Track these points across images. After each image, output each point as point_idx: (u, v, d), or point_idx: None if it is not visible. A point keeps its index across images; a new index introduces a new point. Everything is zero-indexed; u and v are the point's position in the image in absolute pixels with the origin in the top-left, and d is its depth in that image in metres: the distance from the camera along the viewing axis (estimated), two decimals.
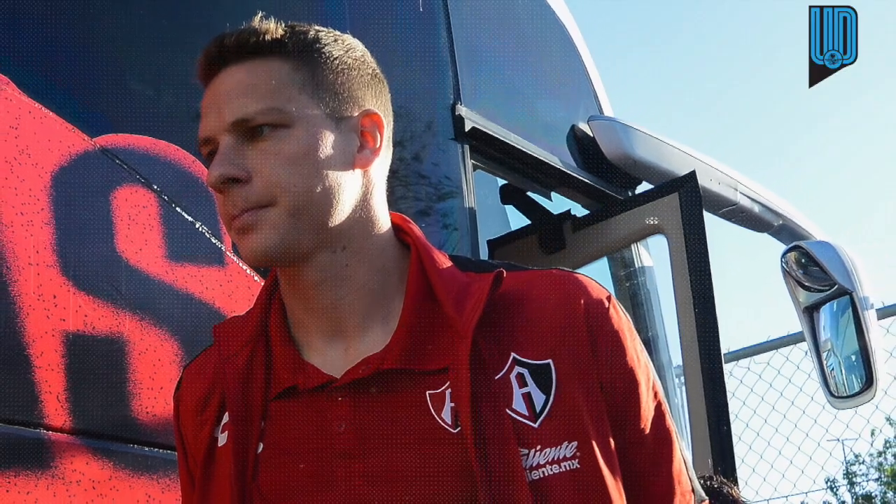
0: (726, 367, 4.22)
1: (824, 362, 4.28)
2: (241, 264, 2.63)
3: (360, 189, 1.61)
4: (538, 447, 1.50)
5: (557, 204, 4.36)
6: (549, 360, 1.56)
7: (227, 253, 2.65)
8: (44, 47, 2.53)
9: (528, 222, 4.49)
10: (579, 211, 4.35)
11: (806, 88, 4.43)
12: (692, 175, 3.95)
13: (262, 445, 1.61)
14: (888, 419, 19.18)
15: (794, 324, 5.44)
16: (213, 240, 2.63)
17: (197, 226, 2.62)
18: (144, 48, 2.73)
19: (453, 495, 1.49)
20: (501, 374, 1.55)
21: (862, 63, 4.38)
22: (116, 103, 2.65)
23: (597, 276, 1.80)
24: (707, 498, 1.75)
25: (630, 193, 4.35)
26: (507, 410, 1.52)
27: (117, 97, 2.66)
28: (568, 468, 1.50)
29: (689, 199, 3.92)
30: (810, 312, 4.31)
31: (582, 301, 1.60)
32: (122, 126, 2.57)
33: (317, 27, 1.66)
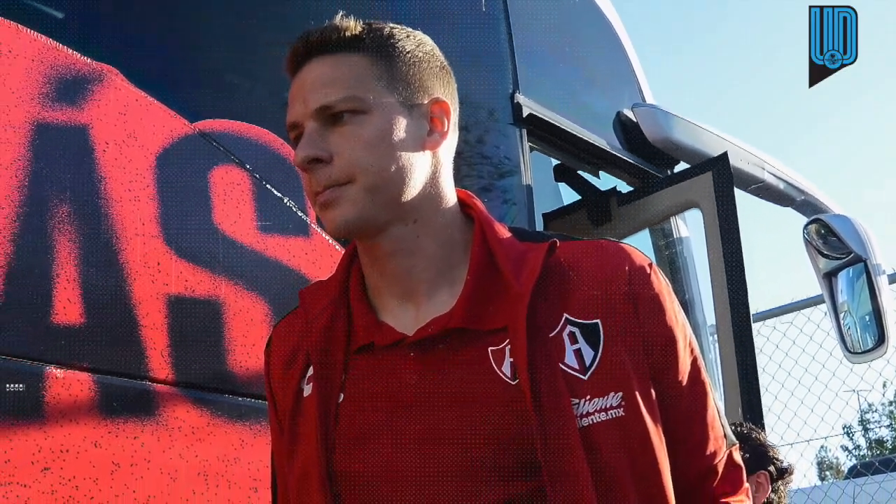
0: (754, 326, 4.22)
1: (841, 322, 4.31)
2: (324, 235, 2.66)
3: (430, 169, 1.62)
4: (587, 397, 1.51)
5: (604, 181, 4.37)
6: (598, 320, 1.57)
7: (312, 225, 2.66)
8: (148, 42, 2.56)
9: (579, 198, 4.48)
10: (624, 188, 4.35)
11: (806, 88, 4.39)
12: (724, 156, 3.99)
13: (342, 396, 1.62)
14: None
15: (815, 288, 5.48)
16: (300, 213, 2.65)
17: (285, 201, 2.64)
18: (239, 43, 2.74)
19: (511, 439, 1.50)
20: (555, 332, 1.56)
21: (862, 63, 4.24)
22: (214, 92, 2.68)
23: (639, 245, 1.80)
24: (737, 442, 1.74)
25: (669, 172, 4.35)
26: (560, 365, 1.53)
27: (214, 87, 2.70)
28: (614, 416, 1.51)
29: (722, 177, 3.94)
30: (829, 278, 4.34)
31: (626, 267, 1.61)
32: (219, 112, 2.60)
33: (391, 24, 1.66)
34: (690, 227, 4.52)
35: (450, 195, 1.67)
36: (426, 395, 1.56)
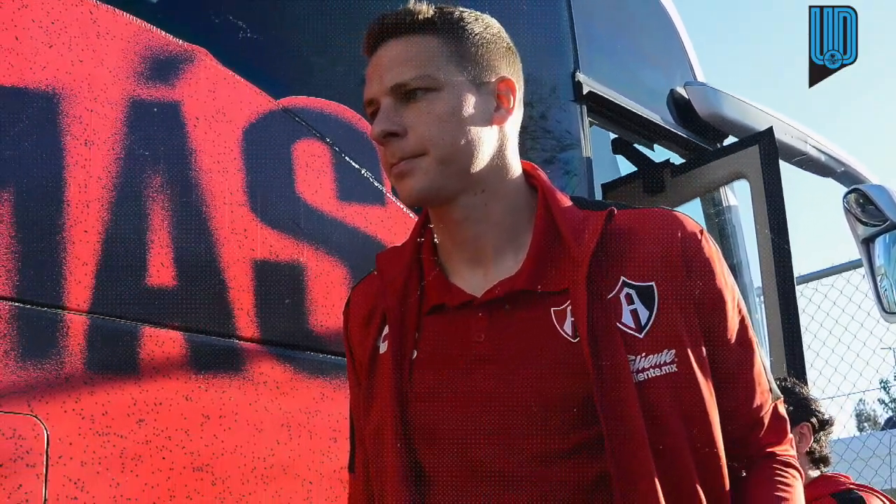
0: (797, 288, 4.25)
1: (878, 284, 4.30)
2: (398, 203, 2.67)
3: (497, 142, 1.63)
4: (643, 354, 1.54)
5: (658, 154, 4.37)
6: (653, 283, 1.59)
7: (387, 194, 2.67)
8: (235, 25, 2.55)
9: (635, 169, 4.50)
10: (676, 160, 4.37)
11: (806, 88, 4.32)
12: (770, 130, 4.01)
13: (416, 353, 1.64)
14: None
15: (853, 252, 5.48)
16: (376, 184, 2.66)
17: (362, 172, 2.65)
18: (319, 24, 2.73)
19: (572, 393, 1.52)
20: (613, 293, 1.58)
21: (862, 63, 4.15)
22: (296, 71, 2.70)
23: (691, 213, 1.79)
24: (782, 396, 1.76)
25: (718, 145, 4.36)
26: (618, 324, 1.55)
27: (297, 66, 2.71)
28: (667, 371, 1.54)
29: (768, 150, 3.95)
30: (867, 243, 4.32)
31: (679, 234, 1.63)
32: (301, 90, 2.61)
33: (461, 8, 1.66)
34: (738, 196, 4.52)
35: (515, 167, 1.68)
36: (494, 352, 1.58)
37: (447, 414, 1.59)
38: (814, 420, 3.68)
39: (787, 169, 4.27)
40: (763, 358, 1.73)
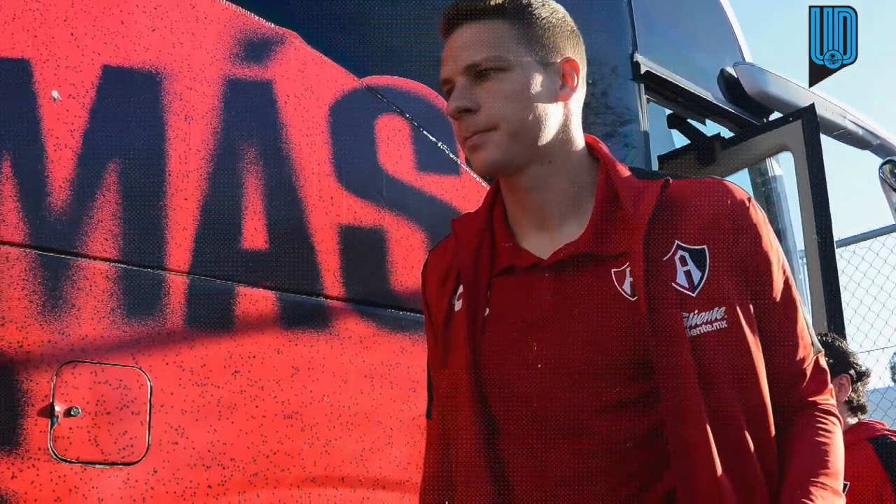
0: (837, 251, 4.29)
1: None
2: (472, 174, 2.71)
3: (562, 117, 1.64)
4: (695, 311, 1.55)
5: (710, 128, 4.43)
6: (704, 246, 1.60)
7: (462, 165, 2.71)
8: (322, 10, 2.63)
9: (688, 142, 4.57)
10: (726, 133, 4.42)
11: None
12: (812, 106, 4.08)
13: (488, 310, 1.66)
14: None
15: (889, 218, 5.49)
16: (451, 155, 2.69)
17: (439, 145, 2.69)
18: (399, 10, 2.79)
19: (628, 348, 1.54)
20: (668, 256, 1.59)
21: (862, 63, 4.11)
22: (379, 52, 2.72)
23: (739, 183, 1.78)
24: (823, 350, 1.76)
25: (764, 120, 4.41)
26: (672, 284, 1.56)
27: (379, 48, 2.74)
28: (718, 327, 1.55)
29: (810, 125, 4.04)
30: None
31: (729, 201, 1.64)
32: (383, 69, 2.66)
33: None
34: (783, 167, 4.56)
35: (579, 140, 1.69)
36: (559, 309, 1.59)
37: (516, 366, 1.61)
38: (852, 372, 3.69)
39: (827, 142, 4.29)
40: (805, 315, 1.73)
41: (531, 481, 1.58)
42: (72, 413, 1.98)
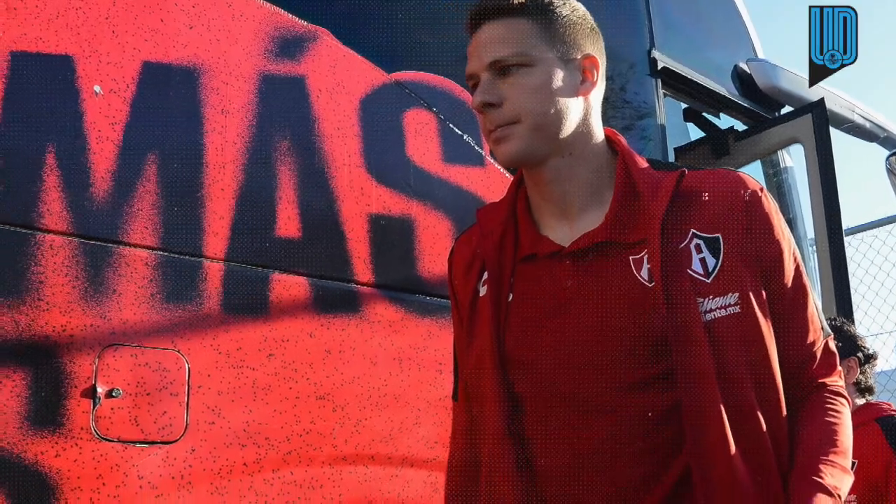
0: (846, 239, 4.32)
1: None
2: (496, 165, 2.72)
3: (582, 111, 1.66)
4: (710, 296, 1.56)
5: (724, 122, 4.47)
6: (719, 235, 1.62)
7: (486, 157, 2.72)
8: (354, 9, 2.64)
9: (703, 135, 4.60)
10: (739, 127, 4.46)
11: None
12: (821, 101, 4.14)
13: (511, 296, 1.67)
14: None
15: (895, 207, 5.47)
16: (476, 147, 2.71)
17: (464, 137, 2.70)
18: (427, 8, 2.80)
19: (646, 331, 1.55)
20: (683, 244, 1.60)
21: (862, 63, 4.08)
22: (407, 49, 2.74)
23: (752, 173, 1.77)
24: (832, 333, 1.76)
25: (776, 114, 4.45)
26: (688, 270, 1.58)
27: (407, 45, 2.76)
28: (731, 312, 1.57)
29: (820, 118, 4.08)
30: None
31: (742, 191, 1.65)
32: (411, 65, 2.68)
33: None
34: (794, 159, 4.59)
35: (598, 133, 1.70)
36: (580, 295, 1.61)
37: (539, 349, 1.62)
38: (860, 354, 3.71)
39: (836, 135, 4.31)
40: (815, 300, 1.73)
41: (557, 459, 1.60)
42: (113, 394, 2.00)
